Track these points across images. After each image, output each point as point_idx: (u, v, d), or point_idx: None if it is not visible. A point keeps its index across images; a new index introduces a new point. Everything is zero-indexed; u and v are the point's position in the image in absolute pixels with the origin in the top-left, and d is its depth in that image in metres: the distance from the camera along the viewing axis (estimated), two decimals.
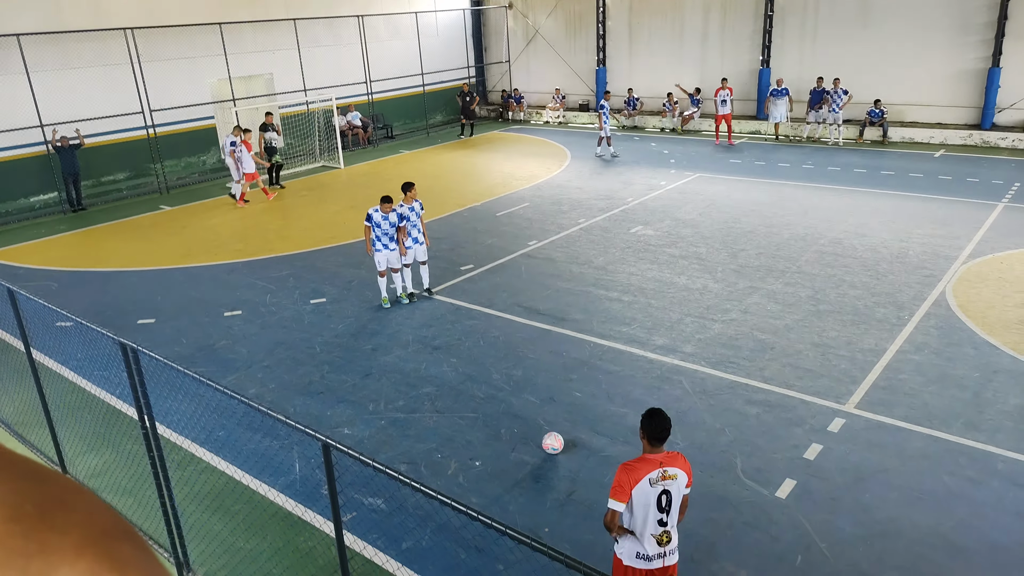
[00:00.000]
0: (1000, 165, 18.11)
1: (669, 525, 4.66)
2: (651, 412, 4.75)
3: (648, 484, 4.57)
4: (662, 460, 4.65)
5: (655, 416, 4.72)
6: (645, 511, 4.60)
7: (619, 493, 4.59)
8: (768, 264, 12.15)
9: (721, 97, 21.47)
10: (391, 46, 26.27)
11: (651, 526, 4.63)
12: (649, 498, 4.58)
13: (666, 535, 4.67)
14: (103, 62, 18.68)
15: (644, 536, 4.65)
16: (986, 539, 5.95)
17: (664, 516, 4.62)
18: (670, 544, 4.70)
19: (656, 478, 4.58)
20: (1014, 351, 8.91)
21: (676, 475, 4.62)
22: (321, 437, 4.21)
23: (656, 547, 4.67)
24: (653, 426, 4.69)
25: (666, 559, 4.71)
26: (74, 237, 16.26)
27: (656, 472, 4.59)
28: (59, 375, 9.58)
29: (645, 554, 4.67)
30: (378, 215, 10.73)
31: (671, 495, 4.61)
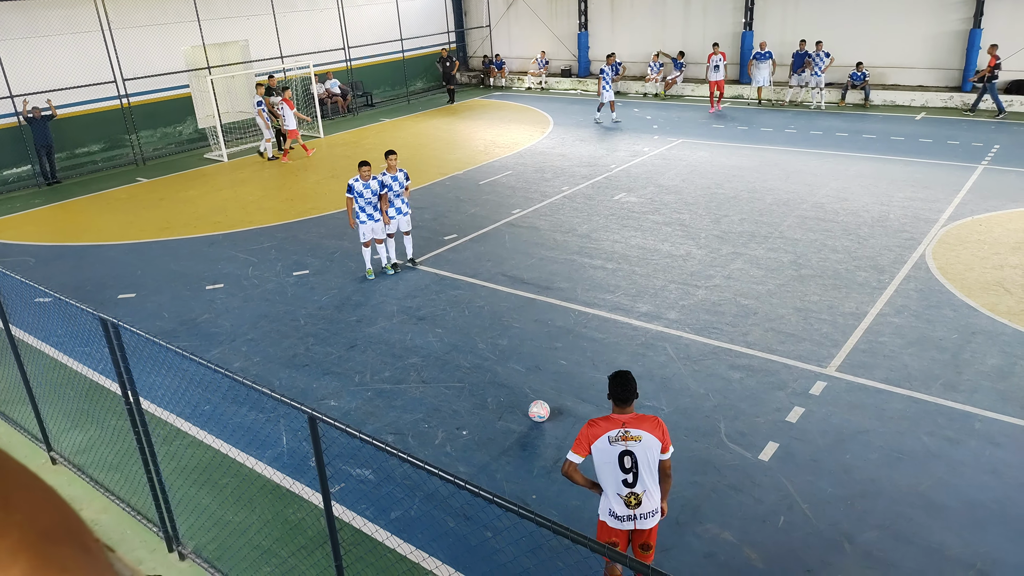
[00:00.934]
0: (980, 127, 18.19)
1: (638, 488, 4.65)
2: (615, 374, 4.83)
3: (607, 442, 4.65)
4: (626, 421, 4.71)
5: (617, 377, 4.80)
6: (609, 469, 4.67)
7: (577, 446, 4.74)
8: (751, 230, 12.19)
9: (714, 63, 21.24)
10: (369, 11, 25.77)
11: (616, 486, 4.67)
12: (609, 456, 4.65)
13: (633, 497, 4.66)
14: (72, 30, 18.19)
15: (611, 495, 4.72)
16: (964, 497, 6.09)
17: (629, 477, 4.64)
18: (640, 507, 4.68)
19: (616, 437, 4.65)
20: (992, 312, 9.05)
21: (640, 437, 4.64)
22: (307, 410, 4.20)
23: (624, 508, 4.69)
24: (615, 387, 4.80)
25: (637, 522, 4.71)
26: (50, 211, 15.98)
27: (616, 431, 4.66)
28: (40, 352, 9.48)
29: (615, 513, 4.73)
30: (359, 184, 10.61)
31: (635, 456, 4.63)
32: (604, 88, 20.22)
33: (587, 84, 26.65)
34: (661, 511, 4.82)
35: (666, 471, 4.80)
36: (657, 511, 4.77)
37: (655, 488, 4.72)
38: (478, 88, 28.69)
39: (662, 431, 4.74)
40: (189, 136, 21.30)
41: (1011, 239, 11.21)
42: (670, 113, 22.00)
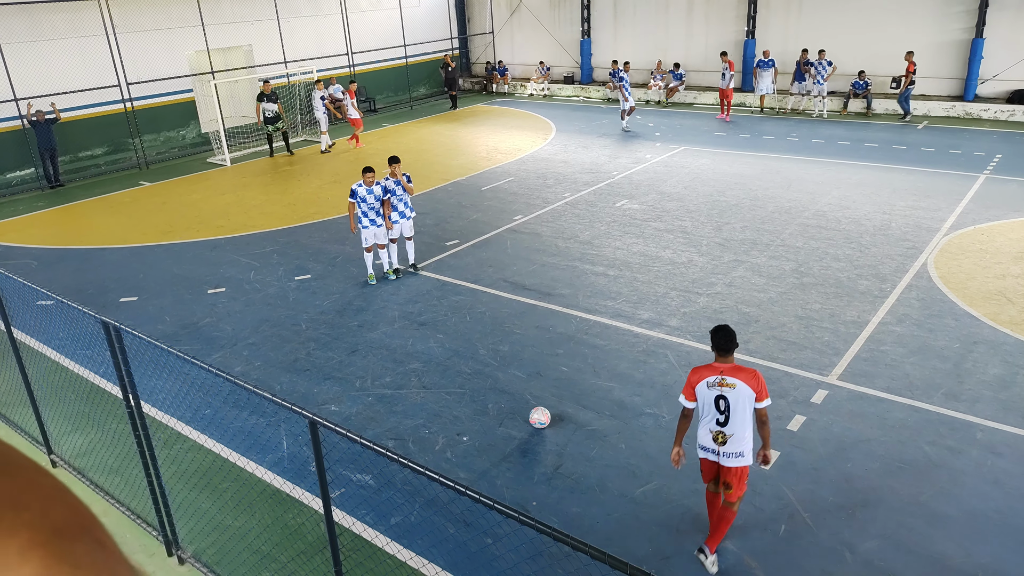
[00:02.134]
0: (982, 136, 18.20)
1: (727, 429, 5.30)
2: (718, 327, 5.47)
3: (706, 386, 5.34)
4: (724, 370, 5.32)
5: (720, 330, 5.42)
6: (705, 408, 5.39)
7: (686, 391, 5.49)
8: (753, 237, 12.20)
9: (722, 71, 21.28)
10: (372, 17, 25.86)
11: (709, 423, 5.39)
12: (706, 398, 5.36)
13: (721, 436, 5.33)
14: (77, 33, 18.26)
15: (703, 430, 5.46)
16: (965, 506, 6.08)
17: (721, 418, 5.31)
18: (726, 446, 5.32)
19: (713, 382, 5.31)
20: (994, 322, 9.03)
21: (735, 384, 5.25)
22: (308, 414, 4.20)
23: (711, 443, 5.40)
24: (717, 339, 5.42)
25: (720, 459, 5.38)
26: (53, 214, 16.01)
27: (714, 377, 5.32)
28: (42, 355, 9.49)
29: (704, 445, 5.48)
30: (362, 189, 10.63)
31: (729, 402, 5.26)
32: (627, 93, 20.23)
33: (589, 91, 26.71)
34: (764, 458, 5.49)
35: (762, 419, 5.35)
36: (742, 454, 5.33)
37: (744, 433, 5.28)
38: (481, 94, 28.76)
39: (759, 383, 5.25)
40: (192, 140, 21.35)
41: (1013, 249, 11.20)
42: (672, 120, 22.03)
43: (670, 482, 6.53)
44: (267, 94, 18.99)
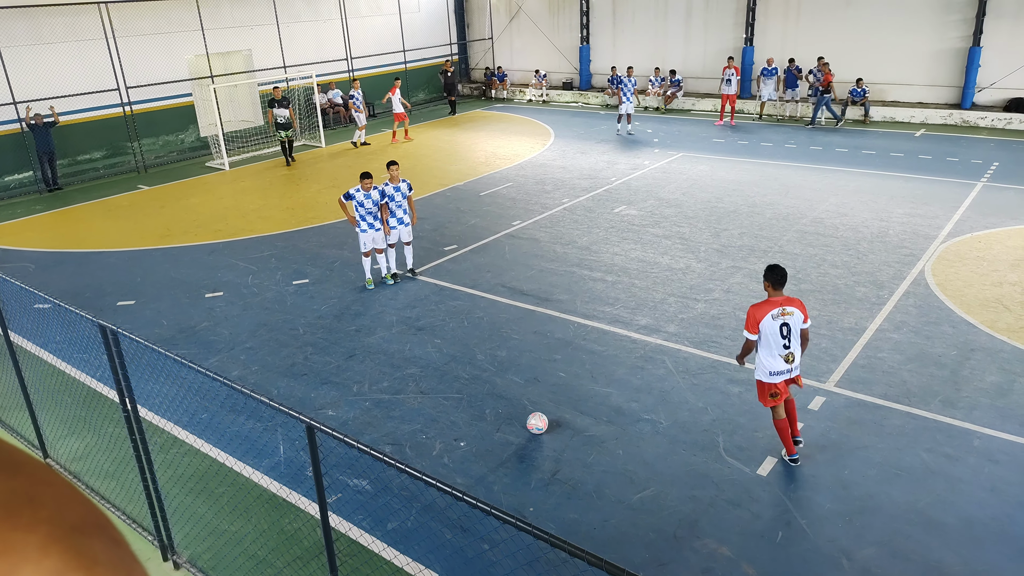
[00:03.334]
0: (979, 144, 18.26)
1: (792, 348, 6.45)
2: (771, 266, 6.59)
3: (771, 319, 6.39)
4: (781, 302, 6.43)
5: (775, 268, 6.54)
6: (773, 338, 6.40)
7: (751, 326, 6.48)
8: (750, 244, 12.21)
9: (726, 76, 21.34)
10: (372, 22, 25.91)
11: (778, 348, 6.42)
12: (773, 328, 6.40)
13: (791, 355, 6.48)
14: (77, 37, 18.28)
15: (775, 357, 6.44)
16: (962, 514, 6.07)
17: (787, 342, 6.43)
18: (794, 362, 6.52)
19: (777, 314, 6.40)
20: (991, 329, 9.05)
21: (792, 312, 6.44)
22: (305, 419, 4.19)
23: (783, 364, 6.48)
24: (775, 275, 6.51)
25: (792, 372, 6.54)
26: (50, 217, 16.00)
27: (776, 310, 6.40)
28: (38, 358, 9.47)
29: (777, 370, 6.49)
30: (360, 194, 10.63)
31: (790, 327, 6.41)
32: (625, 99, 20.33)
33: (588, 97, 26.77)
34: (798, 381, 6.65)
35: (805, 336, 6.57)
36: (799, 364, 6.57)
37: (798, 349, 6.51)
38: (480, 100, 28.81)
39: (804, 309, 6.52)
40: (191, 144, 21.36)
41: (1010, 256, 11.23)
42: (671, 127, 22.08)
43: (667, 488, 6.53)
44: (278, 99, 18.82)
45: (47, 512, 0.55)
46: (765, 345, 6.45)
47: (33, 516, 0.55)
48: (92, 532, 0.57)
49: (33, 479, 0.58)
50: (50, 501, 0.57)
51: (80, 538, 0.56)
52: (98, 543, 0.57)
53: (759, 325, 6.39)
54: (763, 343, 6.45)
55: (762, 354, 6.49)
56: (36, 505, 0.55)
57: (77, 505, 0.59)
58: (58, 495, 0.58)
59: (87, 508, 0.59)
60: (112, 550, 0.58)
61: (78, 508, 0.58)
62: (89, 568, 0.55)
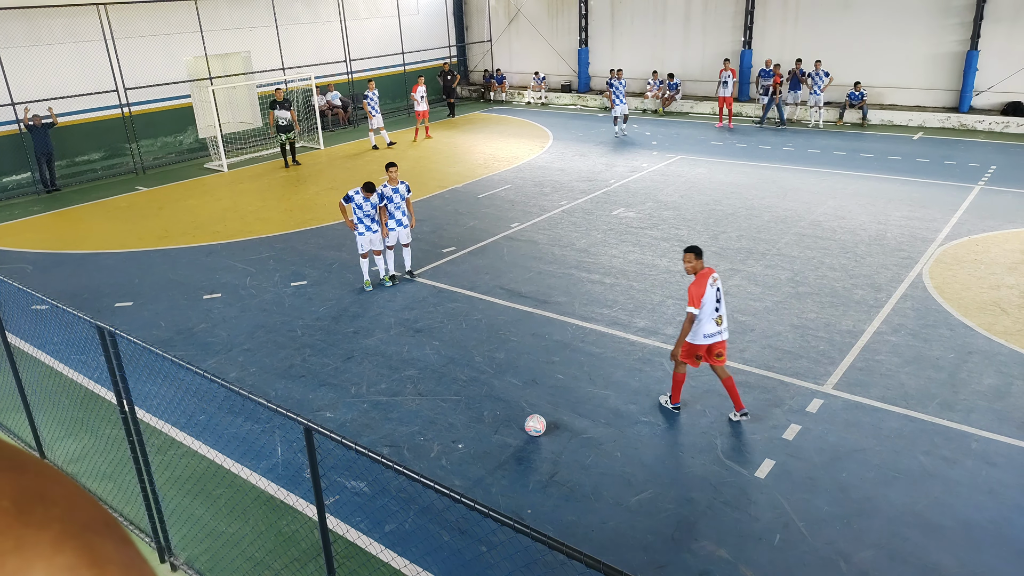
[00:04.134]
0: (977, 148, 18.30)
1: (721, 312, 7.21)
2: (690, 246, 7.32)
3: (709, 287, 7.09)
4: (709, 271, 7.18)
5: (694, 247, 7.29)
6: (710, 305, 7.12)
7: (695, 301, 7.09)
8: (749, 246, 12.23)
9: (722, 79, 21.41)
10: (371, 24, 25.93)
11: (712, 314, 7.14)
12: (711, 297, 7.11)
13: (720, 318, 7.19)
14: (75, 38, 18.27)
15: (710, 321, 7.13)
16: (960, 517, 6.08)
17: (718, 306, 7.18)
18: (723, 324, 7.22)
19: (711, 283, 7.11)
20: (989, 332, 9.06)
21: (718, 278, 7.20)
22: (303, 421, 4.19)
23: (715, 327, 7.17)
24: (696, 251, 7.25)
25: (722, 335, 7.24)
26: (49, 218, 15.98)
27: (710, 279, 7.12)
28: (35, 359, 9.45)
29: (710, 333, 7.16)
30: (359, 197, 10.64)
31: (720, 291, 7.19)
32: (616, 101, 20.51)
33: (587, 100, 26.80)
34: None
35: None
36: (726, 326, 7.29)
37: (725, 312, 7.27)
38: (478, 102, 28.83)
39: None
40: (190, 146, 21.35)
41: (1007, 259, 11.25)
42: (669, 129, 22.11)
43: (665, 491, 6.53)
44: (280, 101, 18.78)
45: (58, 510, 0.56)
46: (704, 313, 7.15)
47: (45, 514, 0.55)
48: (103, 531, 0.58)
49: (41, 478, 0.58)
50: (61, 499, 0.57)
51: (92, 536, 0.56)
52: (109, 542, 0.57)
53: (705, 289, 7.08)
54: (706, 308, 7.18)
55: (700, 321, 7.14)
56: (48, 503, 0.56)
57: (86, 504, 0.59)
58: (68, 494, 0.58)
59: (96, 507, 0.60)
60: (123, 550, 0.58)
61: (88, 507, 0.59)
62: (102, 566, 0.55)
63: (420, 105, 21.43)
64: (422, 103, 21.46)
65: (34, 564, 0.52)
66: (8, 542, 0.52)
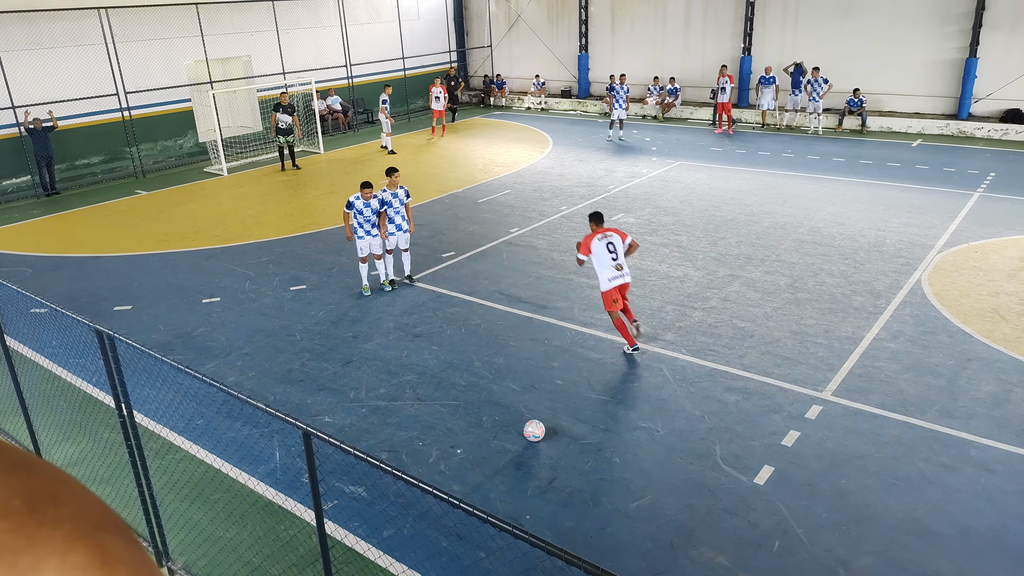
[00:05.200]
0: (976, 155, 18.34)
1: (619, 260, 8.75)
2: (593, 212, 9.26)
3: (597, 241, 8.82)
4: (602, 231, 8.94)
5: (596, 213, 9.22)
6: (603, 255, 8.75)
7: (583, 249, 8.93)
8: (748, 252, 12.23)
9: (720, 85, 21.46)
10: (372, 29, 25.98)
11: (609, 262, 8.73)
12: (600, 248, 8.79)
13: (619, 265, 8.75)
14: (76, 42, 18.29)
15: (609, 268, 8.72)
16: (959, 524, 6.07)
17: (614, 256, 8.75)
18: (622, 270, 8.75)
19: (600, 238, 8.85)
20: (988, 339, 9.06)
21: (613, 235, 8.89)
22: (302, 425, 4.18)
23: (615, 271, 8.72)
24: (596, 217, 9.17)
25: (624, 278, 8.78)
26: (48, 222, 15.98)
27: (600, 235, 8.87)
28: (34, 363, 9.44)
29: (612, 277, 8.72)
30: (359, 202, 10.65)
31: (614, 244, 8.82)
32: (616, 105, 20.72)
33: (587, 105, 26.85)
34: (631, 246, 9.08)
35: (633, 246, 9.09)
36: (628, 271, 8.85)
37: (624, 260, 8.83)
38: (479, 107, 28.87)
39: (622, 233, 9.00)
40: (190, 150, 21.37)
41: (1006, 266, 11.26)
42: (668, 135, 22.14)
43: (664, 497, 6.52)
44: (284, 105, 18.82)
45: (69, 510, 0.56)
46: (600, 263, 8.75)
47: (57, 513, 0.55)
48: (113, 531, 0.58)
49: (50, 479, 0.59)
50: (71, 500, 0.58)
51: (103, 535, 0.57)
52: (120, 542, 0.58)
53: (590, 247, 8.81)
54: (598, 262, 8.75)
55: (600, 271, 8.77)
56: (58, 503, 0.56)
57: (96, 505, 0.60)
58: (77, 494, 0.59)
59: (105, 508, 0.60)
60: (132, 550, 0.59)
61: (97, 507, 0.59)
62: (113, 565, 0.55)
63: (436, 104, 22.38)
64: (437, 102, 22.36)
65: (47, 561, 0.53)
66: (21, 540, 0.53)
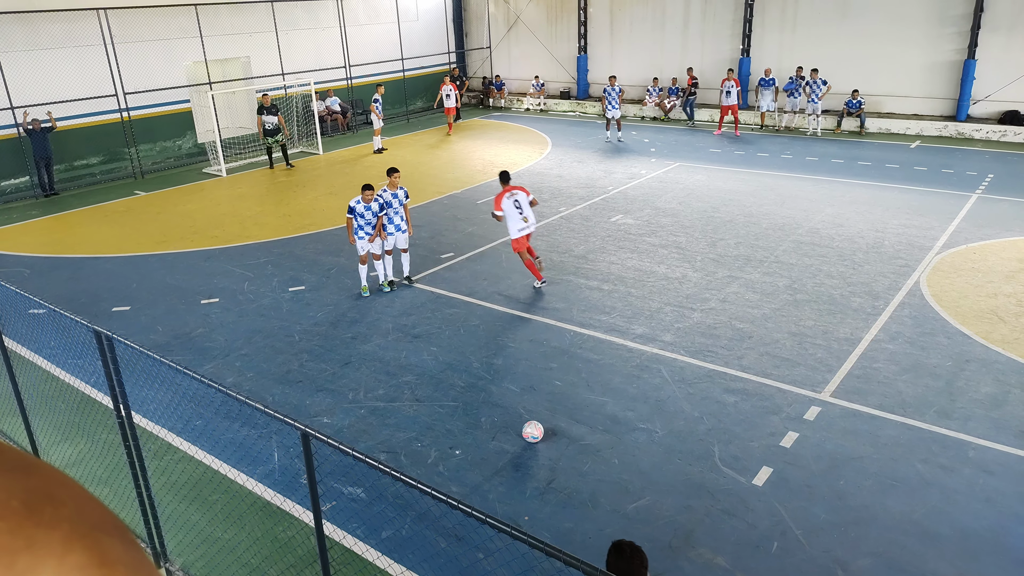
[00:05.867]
0: (974, 156, 18.36)
1: (524, 214, 10.64)
2: (502, 172, 11.08)
3: (507, 199, 10.60)
4: (510, 189, 10.70)
5: (504, 172, 11.05)
6: (512, 210, 10.59)
7: (496, 205, 10.72)
8: (747, 254, 12.24)
9: (726, 88, 21.41)
10: (371, 30, 25.99)
11: (517, 215, 10.60)
12: (509, 204, 10.59)
13: (525, 218, 10.63)
14: (75, 43, 18.28)
15: (517, 220, 10.60)
16: (957, 525, 6.07)
17: (520, 211, 10.60)
18: (528, 222, 10.69)
19: (509, 196, 10.60)
20: (986, 340, 9.07)
21: (517, 193, 10.67)
22: (300, 426, 4.18)
23: (522, 223, 10.63)
24: (504, 176, 10.99)
25: (529, 228, 10.74)
26: (47, 222, 15.97)
27: (508, 194, 10.62)
28: (32, 363, 9.43)
29: (519, 228, 10.63)
30: (360, 206, 10.66)
31: (519, 201, 10.63)
32: (608, 107, 20.86)
33: (586, 106, 26.86)
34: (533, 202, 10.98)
35: (534, 203, 10.89)
36: (533, 223, 10.82)
37: (530, 213, 10.73)
38: (477, 108, 28.88)
39: (526, 190, 10.89)
40: (188, 150, 21.36)
41: (1005, 268, 11.27)
42: (668, 136, 22.16)
43: (663, 498, 6.52)
44: (267, 107, 19.03)
45: (68, 511, 0.56)
46: (510, 217, 10.54)
47: (55, 514, 0.55)
48: (112, 532, 0.58)
49: (49, 479, 0.58)
50: (69, 500, 0.57)
51: (101, 536, 0.57)
52: (118, 543, 0.58)
53: (501, 204, 10.55)
54: (508, 216, 10.54)
55: (510, 224, 10.59)
56: (57, 503, 0.56)
57: (94, 505, 0.59)
58: (75, 495, 0.59)
59: (103, 509, 0.60)
60: (131, 551, 0.59)
61: (96, 508, 0.59)
62: (111, 566, 0.55)
63: (448, 102, 23.26)
64: (448, 100, 23.21)
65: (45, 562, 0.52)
66: (19, 541, 0.52)
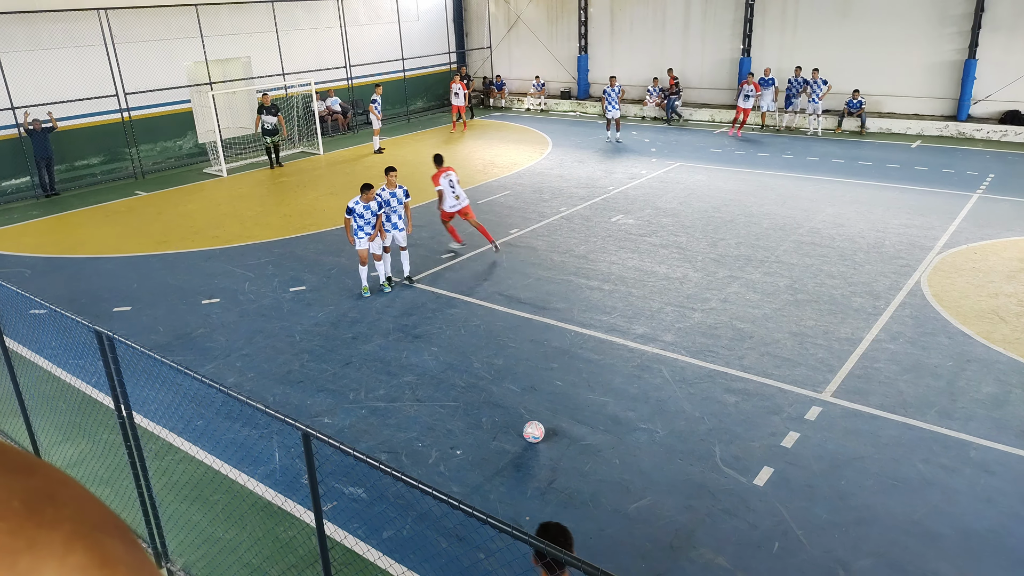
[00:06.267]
0: (975, 156, 18.35)
1: (456, 192, 12.10)
2: (435, 156, 12.61)
3: (444, 178, 12.05)
4: (446, 169, 12.18)
5: (437, 156, 12.55)
6: (449, 188, 12.06)
7: (435, 182, 12.08)
8: (747, 253, 12.24)
9: (745, 91, 21.30)
10: (371, 30, 26.00)
11: (451, 193, 12.08)
12: (446, 183, 12.05)
13: (457, 196, 12.08)
14: (76, 43, 18.29)
15: (452, 197, 12.06)
16: (959, 525, 6.07)
17: (454, 189, 12.11)
18: (460, 199, 12.12)
19: (444, 176, 12.08)
20: (987, 340, 9.07)
21: (451, 173, 12.15)
22: (301, 426, 4.18)
23: (456, 200, 12.09)
24: (437, 160, 12.42)
25: (461, 204, 12.18)
26: (47, 223, 15.97)
27: (445, 174, 12.09)
28: (33, 364, 9.43)
29: (452, 204, 12.10)
30: (359, 206, 10.65)
31: (453, 180, 12.12)
32: (607, 107, 20.88)
33: (586, 106, 26.86)
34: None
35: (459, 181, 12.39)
36: (465, 199, 12.27)
37: (461, 192, 12.21)
38: (478, 108, 28.86)
39: (454, 170, 12.31)
40: (189, 151, 21.37)
41: (1006, 268, 11.26)
42: (668, 136, 22.15)
43: (664, 498, 6.52)
44: (267, 106, 19.07)
45: (69, 511, 0.56)
46: (446, 194, 12.01)
47: (56, 514, 0.55)
48: (113, 532, 0.58)
49: (50, 480, 0.58)
50: (70, 501, 0.57)
51: (103, 537, 0.57)
52: (119, 543, 0.58)
53: (439, 182, 11.98)
54: (445, 193, 12.00)
55: (445, 199, 12.08)
56: (58, 504, 0.56)
57: (96, 506, 0.59)
58: (77, 496, 0.59)
59: (105, 509, 0.60)
60: (132, 551, 0.59)
61: (97, 509, 0.59)
62: (112, 566, 0.55)
63: (456, 100, 23.67)
64: (456, 98, 23.61)
65: (46, 563, 0.52)
66: (20, 541, 0.52)
